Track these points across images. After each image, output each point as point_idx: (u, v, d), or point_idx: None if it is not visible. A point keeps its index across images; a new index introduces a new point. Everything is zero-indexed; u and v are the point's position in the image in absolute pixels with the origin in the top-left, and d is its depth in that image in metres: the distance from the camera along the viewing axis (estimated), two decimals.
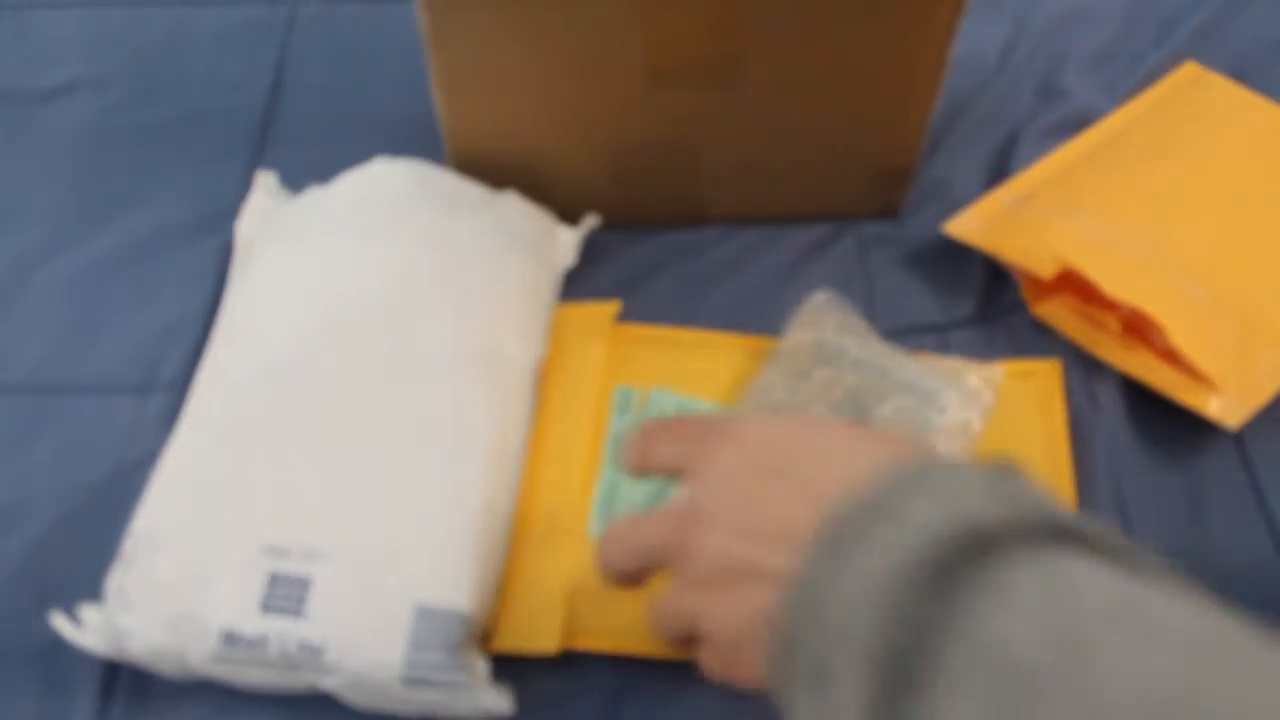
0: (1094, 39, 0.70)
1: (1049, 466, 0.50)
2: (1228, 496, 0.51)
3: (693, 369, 0.53)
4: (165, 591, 0.43)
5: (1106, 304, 0.53)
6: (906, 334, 0.55)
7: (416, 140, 0.59)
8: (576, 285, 0.57)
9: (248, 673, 0.43)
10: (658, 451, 0.38)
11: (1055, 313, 0.55)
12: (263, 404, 0.47)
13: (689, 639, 0.35)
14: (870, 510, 0.29)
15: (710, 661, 0.35)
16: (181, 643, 0.42)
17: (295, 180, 0.59)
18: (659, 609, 0.36)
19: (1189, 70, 0.67)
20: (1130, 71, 0.68)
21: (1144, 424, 0.53)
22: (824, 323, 0.52)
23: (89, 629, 0.44)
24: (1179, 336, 0.50)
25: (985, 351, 0.55)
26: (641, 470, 0.39)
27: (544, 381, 0.52)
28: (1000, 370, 0.52)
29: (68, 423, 0.53)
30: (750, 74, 0.53)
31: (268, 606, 0.42)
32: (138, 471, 0.49)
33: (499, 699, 0.43)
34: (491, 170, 0.58)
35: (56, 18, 0.73)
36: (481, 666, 0.43)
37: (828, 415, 0.48)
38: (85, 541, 0.48)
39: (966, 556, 0.27)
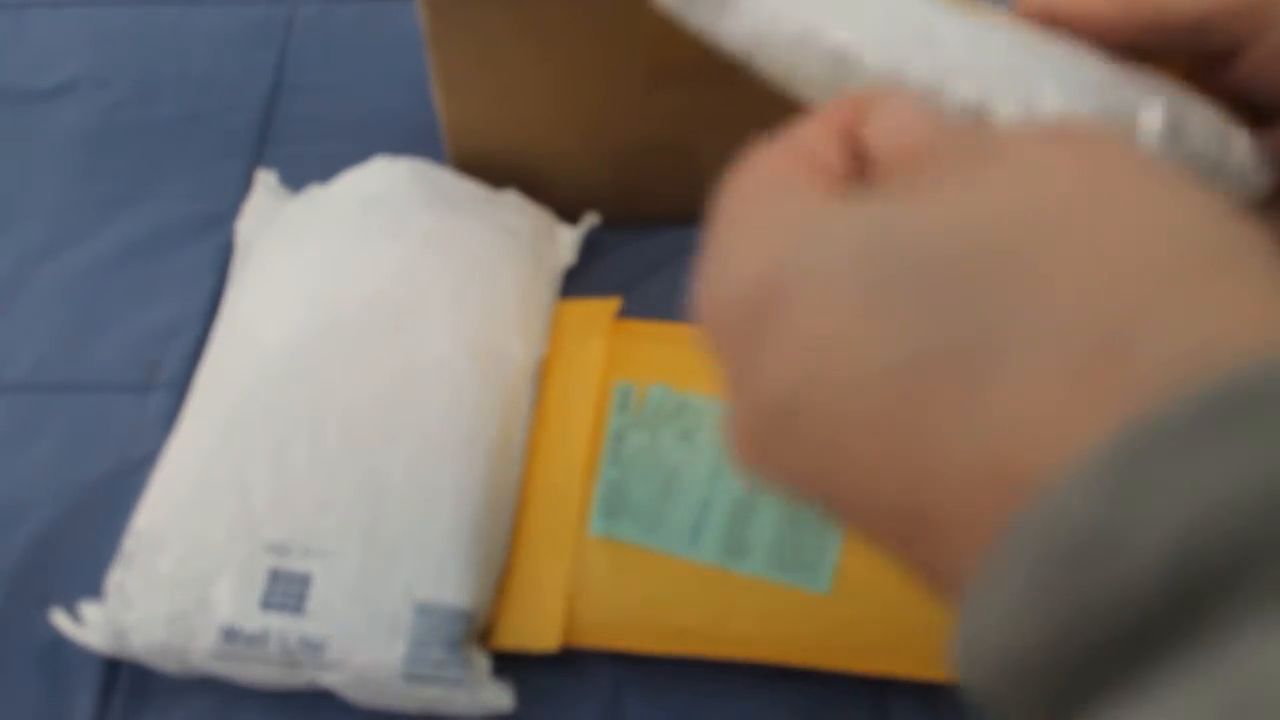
0: None
1: None
2: None
3: (692, 365, 0.53)
4: (166, 589, 0.43)
5: None
6: None
7: (416, 140, 0.59)
8: (576, 283, 0.57)
9: (248, 669, 0.43)
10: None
11: None
12: (263, 402, 0.47)
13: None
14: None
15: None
16: (182, 640, 0.42)
17: (295, 180, 0.60)
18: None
19: None
20: None
21: None
22: None
23: (90, 626, 0.44)
24: None
25: None
26: None
27: (544, 379, 0.52)
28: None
29: (68, 421, 0.53)
30: (749, 73, 0.54)
31: (268, 603, 0.43)
32: (138, 470, 0.49)
33: (499, 695, 0.43)
34: (491, 170, 0.58)
35: (57, 17, 0.73)
36: (482, 663, 0.44)
37: None
38: (86, 539, 0.48)
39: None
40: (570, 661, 0.45)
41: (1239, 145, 0.27)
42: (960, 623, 0.17)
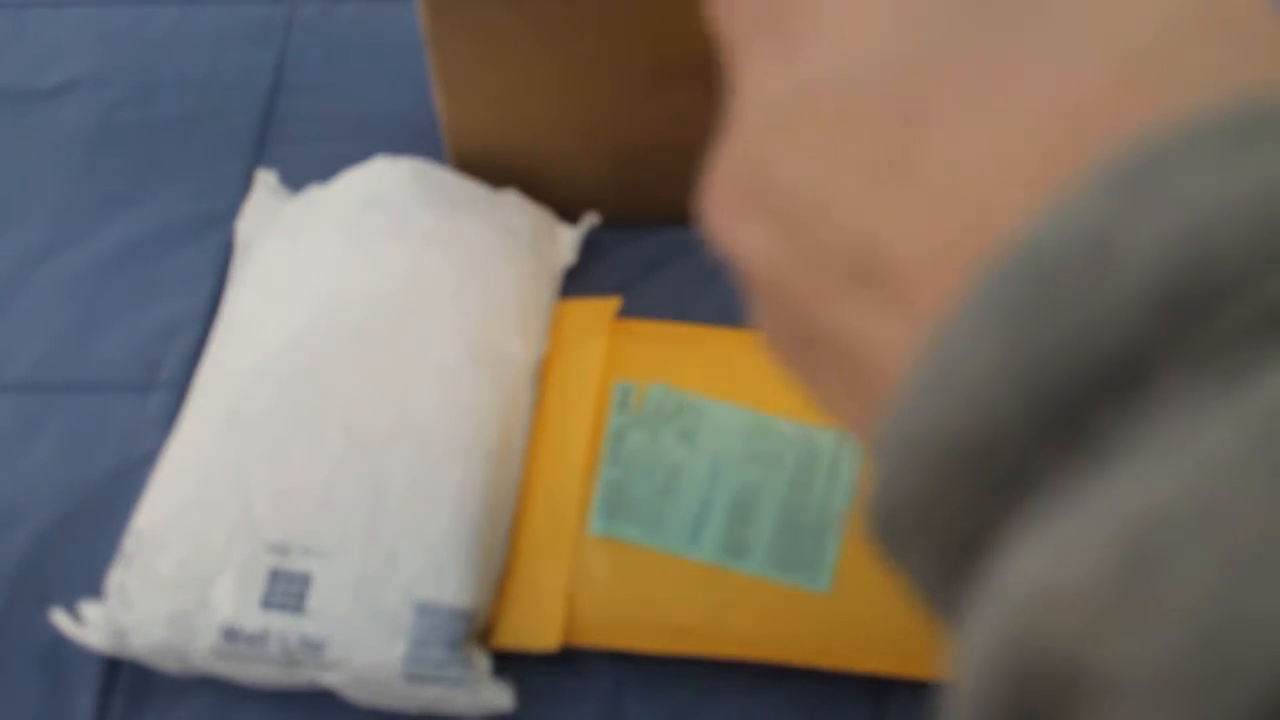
0: None
1: None
2: None
3: (692, 364, 0.53)
4: (166, 588, 0.43)
5: None
6: None
7: (416, 140, 0.59)
8: (576, 283, 0.57)
9: (248, 669, 0.43)
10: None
11: None
12: (264, 402, 0.47)
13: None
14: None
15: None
16: (182, 639, 0.42)
17: (295, 179, 0.60)
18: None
19: None
20: None
21: None
22: None
23: (90, 626, 0.44)
24: None
25: None
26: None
27: (543, 378, 0.52)
28: None
29: (68, 421, 0.53)
30: None
31: (268, 603, 0.43)
32: (138, 469, 0.50)
33: (500, 694, 0.43)
34: (491, 170, 0.58)
35: (57, 16, 0.73)
36: (482, 662, 0.44)
37: None
38: (86, 539, 0.48)
39: None
40: (570, 661, 0.45)
41: None
42: (897, 401, 0.14)
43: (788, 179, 0.17)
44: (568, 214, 0.59)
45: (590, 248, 0.59)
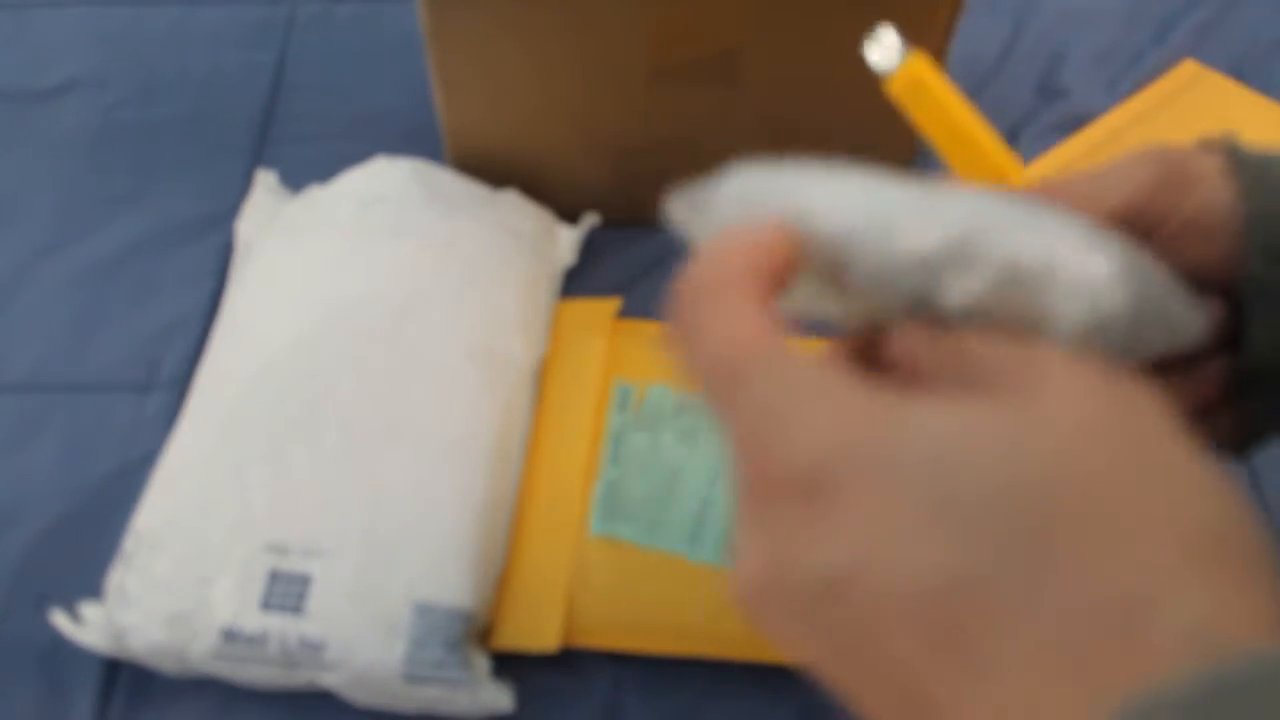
0: (1093, 37, 0.71)
1: None
2: None
3: None
4: (166, 589, 0.43)
5: None
6: None
7: (416, 140, 0.59)
8: (576, 283, 0.57)
9: (248, 670, 0.43)
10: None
11: None
12: (263, 402, 0.47)
13: None
14: None
15: None
16: (182, 640, 0.42)
17: (295, 179, 0.60)
18: None
19: (1187, 68, 0.68)
20: (1129, 70, 0.68)
21: None
22: None
23: (90, 626, 0.44)
24: None
25: None
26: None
27: (544, 378, 0.52)
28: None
29: (68, 421, 0.53)
30: (750, 73, 0.54)
31: (268, 604, 0.43)
32: (138, 470, 0.49)
33: (499, 695, 0.43)
34: (491, 170, 0.58)
35: (57, 17, 0.73)
36: (482, 663, 0.44)
37: None
38: (86, 539, 0.48)
39: None
40: (570, 661, 0.45)
41: (1180, 295, 0.30)
42: None
43: (841, 627, 0.20)
44: (568, 214, 0.59)
45: (590, 248, 0.59)
